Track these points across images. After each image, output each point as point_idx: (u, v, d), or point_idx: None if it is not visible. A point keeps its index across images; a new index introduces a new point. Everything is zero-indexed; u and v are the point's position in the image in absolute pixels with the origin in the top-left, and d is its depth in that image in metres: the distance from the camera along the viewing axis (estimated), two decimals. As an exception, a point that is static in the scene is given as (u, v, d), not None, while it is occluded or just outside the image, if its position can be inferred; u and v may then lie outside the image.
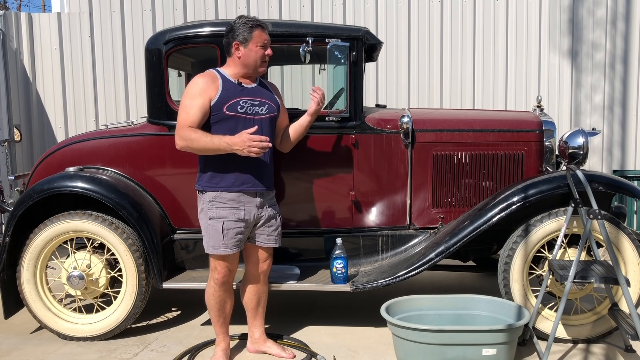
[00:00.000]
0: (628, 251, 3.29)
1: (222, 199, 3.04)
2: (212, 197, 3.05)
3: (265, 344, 3.34)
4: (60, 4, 6.37)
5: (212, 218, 3.05)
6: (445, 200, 3.68)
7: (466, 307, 3.38)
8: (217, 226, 3.04)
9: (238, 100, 3.02)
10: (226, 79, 3.05)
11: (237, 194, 3.04)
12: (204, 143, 2.94)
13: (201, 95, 2.97)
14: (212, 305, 3.18)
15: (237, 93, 3.04)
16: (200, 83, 3.00)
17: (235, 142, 2.92)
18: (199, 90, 2.98)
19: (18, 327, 3.79)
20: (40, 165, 3.78)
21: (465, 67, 6.09)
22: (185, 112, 2.98)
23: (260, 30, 3.02)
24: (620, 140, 6.09)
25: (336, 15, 6.08)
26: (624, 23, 5.98)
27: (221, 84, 3.02)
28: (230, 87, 3.04)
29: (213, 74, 3.06)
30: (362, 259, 3.66)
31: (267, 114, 3.11)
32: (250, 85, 3.11)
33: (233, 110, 3.00)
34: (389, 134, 3.61)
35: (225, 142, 2.93)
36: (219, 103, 3.00)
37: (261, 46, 3.03)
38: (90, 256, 3.55)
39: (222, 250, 3.06)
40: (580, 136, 3.37)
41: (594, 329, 3.39)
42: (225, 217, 3.04)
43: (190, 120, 2.96)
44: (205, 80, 3.01)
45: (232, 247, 3.07)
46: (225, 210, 3.04)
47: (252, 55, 3.03)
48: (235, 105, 3.01)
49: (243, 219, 3.07)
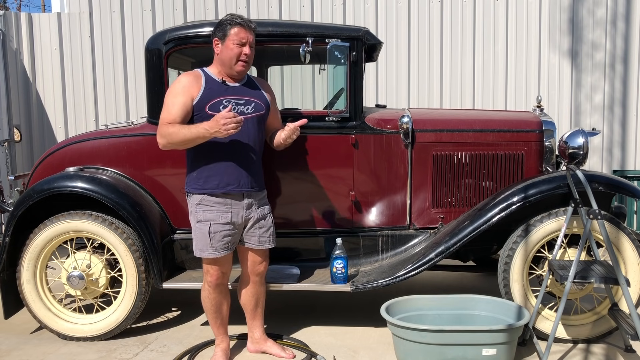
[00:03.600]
0: (628, 251, 3.29)
1: (208, 201, 3.01)
2: (199, 200, 3.03)
3: (265, 343, 3.34)
4: (60, 4, 6.37)
5: (199, 221, 3.03)
6: (445, 200, 3.68)
7: (466, 307, 3.38)
8: (204, 229, 3.01)
9: (221, 99, 2.98)
10: (210, 77, 3.02)
11: (222, 197, 3.01)
12: (183, 135, 2.89)
13: (183, 94, 2.95)
14: (208, 308, 3.17)
15: (221, 92, 3.00)
16: (183, 81, 2.98)
17: (210, 125, 2.85)
18: (181, 89, 2.96)
19: (18, 327, 3.79)
20: (40, 165, 3.78)
21: (465, 67, 6.09)
22: (166, 110, 2.96)
23: (239, 27, 2.96)
24: (620, 140, 6.09)
25: (336, 15, 6.08)
26: (624, 23, 5.98)
27: (204, 82, 2.99)
28: (213, 86, 3.00)
29: (197, 72, 3.04)
30: (362, 259, 3.66)
31: (253, 113, 3.06)
32: (235, 84, 3.06)
33: (215, 110, 2.95)
34: (389, 134, 3.61)
35: (203, 128, 2.86)
36: (201, 102, 2.96)
37: (238, 44, 2.96)
38: (90, 256, 3.55)
39: (209, 253, 3.03)
40: (580, 136, 3.36)
41: (594, 329, 3.39)
42: (211, 220, 3.01)
43: (171, 118, 2.93)
44: (189, 79, 2.99)
45: (220, 250, 3.04)
46: (212, 213, 3.01)
47: (227, 52, 2.97)
48: (218, 105, 2.97)
49: (230, 221, 3.03)
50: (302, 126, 3.19)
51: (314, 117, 3.53)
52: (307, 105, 6.07)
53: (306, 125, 3.27)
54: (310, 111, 3.73)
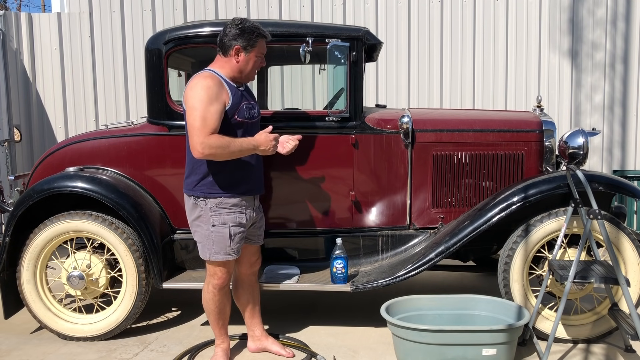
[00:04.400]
0: (628, 251, 3.29)
1: (225, 204, 2.97)
2: (216, 203, 2.97)
3: (267, 340, 3.35)
4: (60, 4, 6.37)
5: (216, 225, 2.98)
6: (445, 200, 3.68)
7: (466, 307, 3.38)
8: (223, 232, 2.98)
9: (242, 105, 2.98)
10: (229, 83, 2.97)
11: (239, 198, 3.01)
12: (234, 148, 2.84)
13: (217, 101, 2.85)
14: (211, 310, 3.15)
15: (239, 98, 2.99)
16: (213, 87, 2.85)
17: (260, 141, 2.94)
18: (215, 95, 2.84)
19: (18, 327, 3.79)
20: (40, 165, 3.78)
21: (465, 67, 6.09)
22: (202, 118, 2.79)
23: (264, 40, 2.99)
24: (621, 140, 6.09)
25: (336, 15, 6.08)
26: (624, 23, 5.98)
27: (228, 89, 2.94)
28: (235, 93, 2.97)
29: (217, 77, 2.92)
30: (362, 259, 3.66)
31: (258, 117, 3.11)
32: (242, 87, 3.06)
33: (241, 117, 2.96)
34: (389, 134, 3.60)
35: (252, 145, 2.91)
36: (231, 110, 2.92)
37: (260, 57, 3.00)
38: (90, 256, 3.55)
39: (227, 256, 3.02)
40: (580, 136, 3.37)
41: (594, 329, 3.39)
42: (230, 223, 2.99)
43: (212, 127, 2.81)
44: (216, 84, 2.88)
45: (237, 252, 3.05)
46: (229, 216, 2.99)
47: (251, 64, 2.97)
48: (242, 112, 2.97)
49: (245, 222, 3.05)
50: (303, 126, 3.20)
51: (314, 117, 3.53)
52: (307, 105, 6.07)
53: (306, 126, 3.27)
54: (310, 111, 3.72)
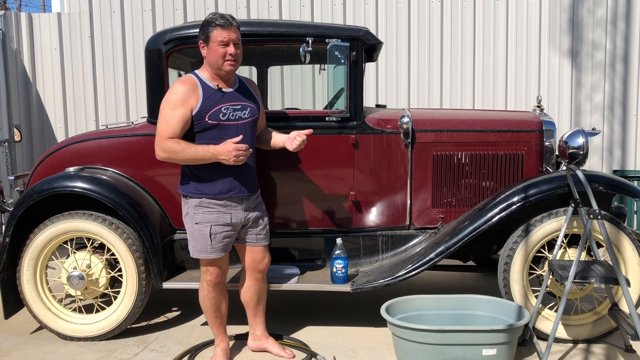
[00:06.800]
0: (628, 251, 3.29)
1: (208, 204, 3.01)
2: (198, 202, 3.01)
3: (267, 340, 3.35)
4: (60, 4, 6.37)
5: (198, 222, 3.02)
6: (445, 200, 3.67)
7: (466, 307, 3.38)
8: (204, 230, 3.01)
9: (220, 107, 2.96)
10: (206, 85, 2.97)
11: (222, 200, 3.02)
12: (188, 155, 2.90)
13: (182, 106, 2.90)
14: (207, 307, 3.16)
15: (218, 100, 2.97)
16: (180, 92, 2.91)
17: (220, 151, 2.89)
18: (180, 100, 2.90)
19: (18, 327, 3.79)
20: (40, 165, 3.78)
21: (465, 67, 6.08)
22: (164, 122, 2.91)
23: (219, 29, 2.91)
24: (621, 140, 6.09)
25: (336, 15, 6.08)
26: (624, 23, 5.98)
27: (201, 92, 2.94)
28: (210, 95, 2.96)
29: (193, 81, 2.96)
30: (362, 259, 3.66)
31: (249, 118, 3.07)
32: (230, 89, 3.04)
33: (215, 119, 2.95)
34: (389, 134, 3.60)
35: (211, 153, 2.90)
36: (201, 113, 2.93)
37: (221, 45, 2.92)
38: (90, 256, 3.55)
39: (209, 254, 3.04)
40: (580, 136, 3.36)
41: (594, 329, 3.39)
42: (212, 222, 3.01)
43: (170, 131, 2.89)
44: (186, 89, 2.92)
45: (219, 251, 3.05)
46: (212, 215, 3.01)
47: (213, 54, 2.94)
48: (217, 114, 2.95)
49: (230, 222, 3.04)
50: (303, 126, 3.20)
51: (314, 117, 3.53)
52: (307, 105, 6.07)
53: (306, 126, 3.28)
54: (310, 111, 3.72)
